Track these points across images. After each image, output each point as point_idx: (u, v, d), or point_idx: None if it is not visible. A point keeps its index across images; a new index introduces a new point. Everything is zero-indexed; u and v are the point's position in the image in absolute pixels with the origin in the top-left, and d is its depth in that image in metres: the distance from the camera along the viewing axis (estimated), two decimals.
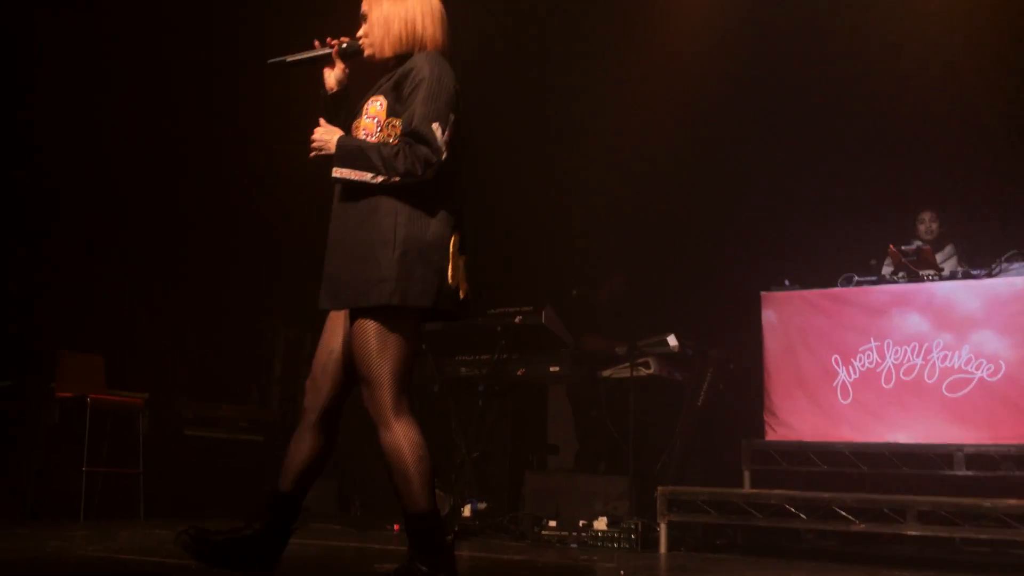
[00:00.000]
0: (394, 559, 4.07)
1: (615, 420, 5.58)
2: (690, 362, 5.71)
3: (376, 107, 2.74)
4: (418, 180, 2.63)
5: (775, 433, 5.40)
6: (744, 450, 5.35)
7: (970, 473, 4.79)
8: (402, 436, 2.68)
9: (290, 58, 2.91)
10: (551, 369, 5.65)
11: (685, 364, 5.70)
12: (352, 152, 2.68)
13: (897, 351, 5.20)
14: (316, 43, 2.90)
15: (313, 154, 2.73)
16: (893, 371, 5.20)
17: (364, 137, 2.72)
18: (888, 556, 5.04)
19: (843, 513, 4.50)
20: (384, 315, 2.63)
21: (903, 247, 5.59)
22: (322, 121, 2.80)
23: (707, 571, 3.94)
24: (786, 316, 5.52)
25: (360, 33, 2.87)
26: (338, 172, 2.67)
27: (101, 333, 6.23)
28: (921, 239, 5.90)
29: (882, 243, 5.75)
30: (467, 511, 5.28)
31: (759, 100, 6.74)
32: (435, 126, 2.63)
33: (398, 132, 2.67)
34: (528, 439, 6.01)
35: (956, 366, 5.02)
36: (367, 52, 2.86)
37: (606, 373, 5.69)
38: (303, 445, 2.83)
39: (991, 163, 6.33)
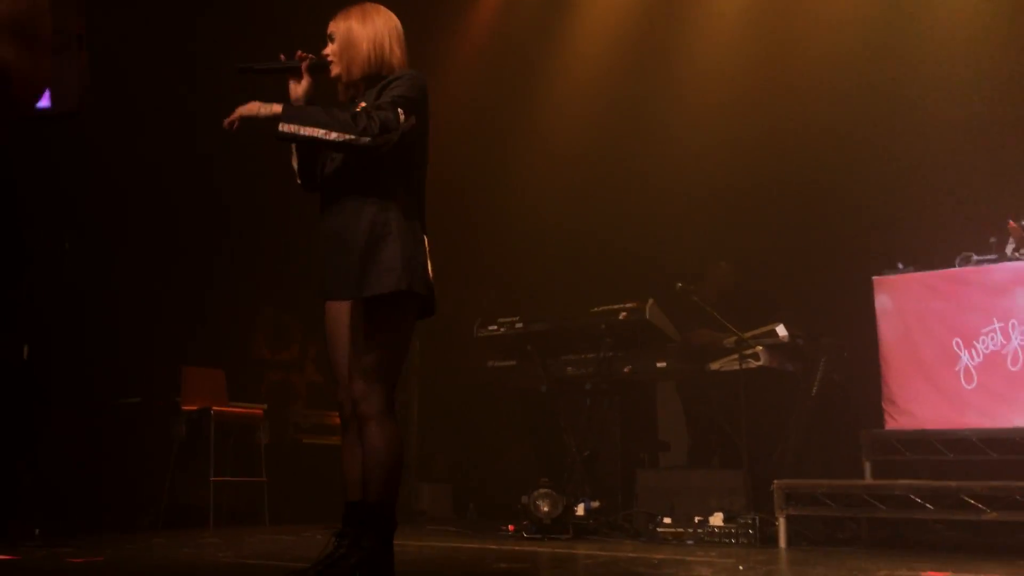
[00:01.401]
0: (510, 559, 4.11)
1: (727, 414, 5.49)
2: (802, 352, 5.57)
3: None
4: (373, 144, 2.73)
5: (896, 422, 5.21)
6: (864, 440, 5.18)
7: None
8: (396, 432, 2.78)
9: (258, 66, 2.93)
10: (658, 365, 5.60)
11: (797, 354, 5.56)
12: (302, 110, 2.82)
13: (1023, 332, 4.96)
14: (282, 56, 2.95)
15: (244, 113, 2.79)
16: (1020, 352, 4.96)
17: None
18: (1021, 545, 4.80)
19: (972, 502, 4.31)
20: (390, 306, 2.76)
21: (1023, 222, 5.32)
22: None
23: (831, 566, 3.84)
24: (901, 300, 5.32)
25: (326, 52, 2.96)
26: (285, 127, 2.74)
27: (219, 348, 6.49)
28: None
29: (1000, 218, 5.49)
30: (580, 510, 5.27)
31: (866, 75, 6.53)
32: (400, 110, 2.77)
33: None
34: (638, 437, 5.97)
35: None
36: (334, 71, 2.95)
37: (714, 366, 5.59)
38: (357, 452, 2.84)
39: None
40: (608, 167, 7.33)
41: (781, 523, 4.72)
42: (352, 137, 2.73)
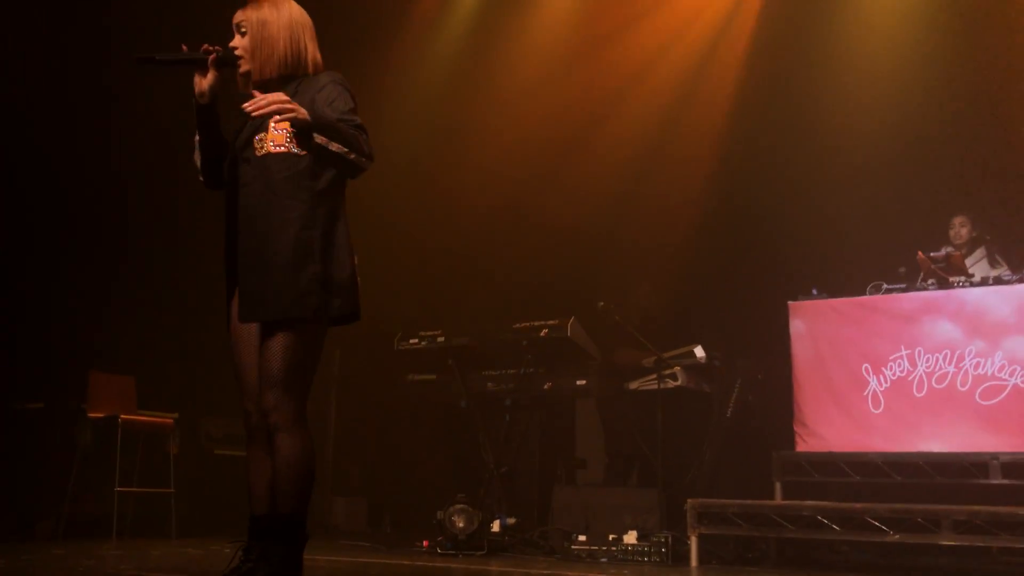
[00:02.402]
0: (423, 575, 4.06)
1: (644, 433, 5.55)
2: (718, 373, 5.67)
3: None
4: (366, 167, 2.68)
5: (806, 444, 5.34)
6: (775, 461, 5.28)
7: (1006, 482, 4.70)
8: (308, 443, 2.68)
9: (160, 57, 2.73)
10: (578, 383, 5.64)
11: (713, 375, 5.66)
12: (327, 123, 2.62)
13: (929, 359, 5.13)
14: (184, 47, 2.74)
15: (286, 116, 2.54)
16: (925, 379, 5.13)
17: (271, 149, 2.70)
18: (923, 567, 4.96)
19: (877, 524, 4.43)
20: (305, 325, 2.66)
21: (932, 254, 5.52)
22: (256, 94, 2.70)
23: None
24: (815, 325, 5.46)
25: (234, 44, 2.78)
26: (319, 139, 2.58)
27: (130, 353, 6.30)
28: (952, 244, 5.82)
29: (910, 249, 5.69)
30: (496, 527, 5.26)
31: (783, 105, 6.71)
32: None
33: None
34: (556, 453, 5.99)
35: (989, 373, 4.95)
36: (244, 68, 2.77)
37: (633, 386, 5.66)
38: (264, 465, 2.72)
39: (1020, 164, 6.25)
40: (534, 185, 7.36)
41: (693, 542, 4.78)
42: (363, 160, 2.65)
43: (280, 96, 2.55)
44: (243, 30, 2.78)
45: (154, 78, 5.55)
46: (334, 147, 2.59)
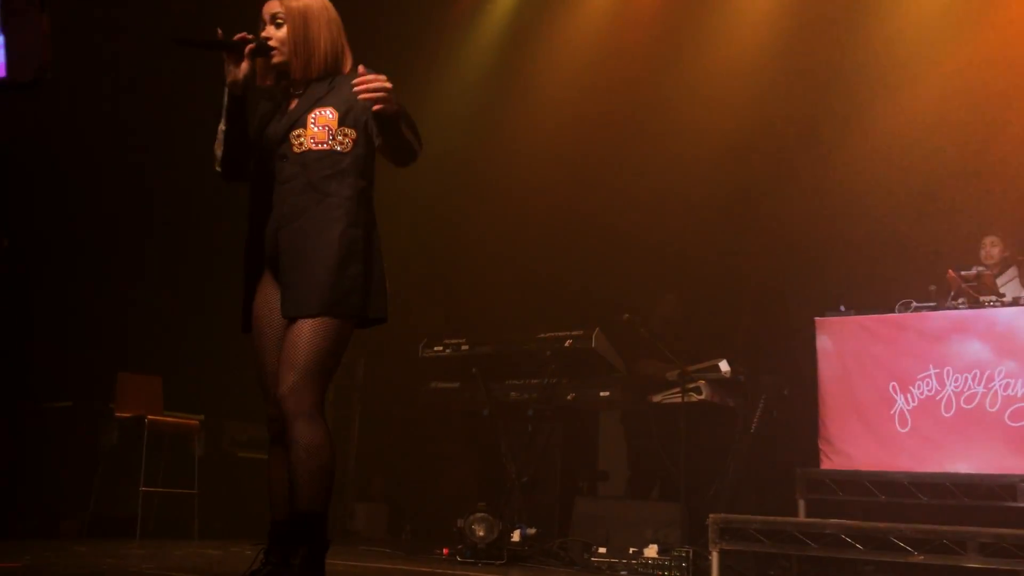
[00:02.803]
0: None
1: (667, 446, 5.52)
2: (743, 388, 5.63)
3: (327, 116, 2.68)
4: (416, 159, 2.70)
5: (831, 462, 5.28)
6: (799, 479, 5.23)
7: None
8: (327, 433, 2.58)
9: (198, 40, 2.70)
10: (601, 394, 5.62)
11: (738, 390, 5.62)
12: (405, 112, 2.61)
13: (957, 379, 5.06)
14: (219, 32, 2.68)
15: (387, 105, 2.50)
16: (953, 399, 5.06)
17: (312, 146, 2.67)
18: None
19: (901, 544, 4.37)
20: (338, 323, 2.61)
21: (963, 272, 5.46)
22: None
23: None
24: (842, 342, 5.40)
25: (267, 34, 2.71)
26: (406, 130, 2.60)
27: (158, 354, 6.36)
28: (983, 264, 5.76)
29: (940, 268, 5.63)
30: (516, 536, 5.24)
31: (814, 119, 6.67)
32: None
33: (352, 139, 2.68)
34: (578, 465, 5.97)
35: (1019, 395, 4.86)
36: (278, 59, 2.71)
37: (657, 399, 5.62)
38: (286, 467, 2.62)
39: None
40: (561, 199, 7.36)
41: (714, 557, 4.73)
42: (417, 150, 2.67)
43: (385, 78, 2.51)
44: (279, 21, 2.72)
45: (177, 74, 5.61)
46: (408, 135, 2.62)
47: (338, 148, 2.66)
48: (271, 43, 2.70)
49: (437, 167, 7.42)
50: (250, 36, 2.69)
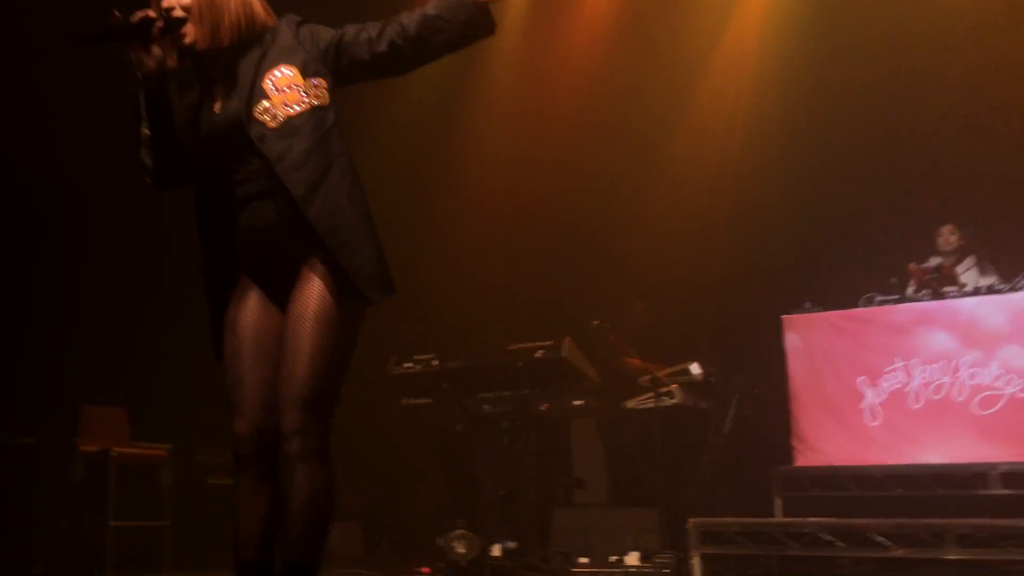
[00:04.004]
0: None
1: (642, 452, 5.52)
2: (715, 390, 5.65)
3: (287, 74, 2.33)
4: None
5: (804, 459, 5.33)
6: (774, 477, 5.27)
7: (1006, 492, 4.70)
8: (332, 476, 2.29)
9: (98, 33, 2.29)
10: (574, 403, 5.61)
11: (710, 392, 5.64)
12: None
13: (924, 370, 5.14)
14: (116, 13, 2.26)
15: None
16: (921, 391, 5.13)
17: (289, 111, 2.30)
18: None
19: (880, 539, 4.42)
20: (347, 322, 2.30)
21: (923, 264, 5.54)
22: None
23: None
24: (809, 339, 5.46)
25: (169, 4, 2.29)
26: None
27: (121, 384, 6.23)
28: (941, 253, 5.84)
29: (901, 260, 5.71)
30: (497, 551, 5.21)
31: (772, 119, 6.73)
32: None
33: (325, 87, 2.36)
34: (553, 474, 5.95)
35: (985, 383, 4.95)
36: (191, 37, 2.30)
37: (630, 404, 5.63)
38: (260, 500, 2.33)
39: (1007, 172, 6.28)
40: (524, 205, 7.35)
41: (696, 562, 4.75)
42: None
43: None
44: None
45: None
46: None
47: (316, 102, 2.33)
48: (176, 14, 2.28)
49: (401, 177, 7.38)
50: (152, 13, 2.29)
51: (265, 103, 2.31)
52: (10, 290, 5.80)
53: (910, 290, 5.56)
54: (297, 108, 2.31)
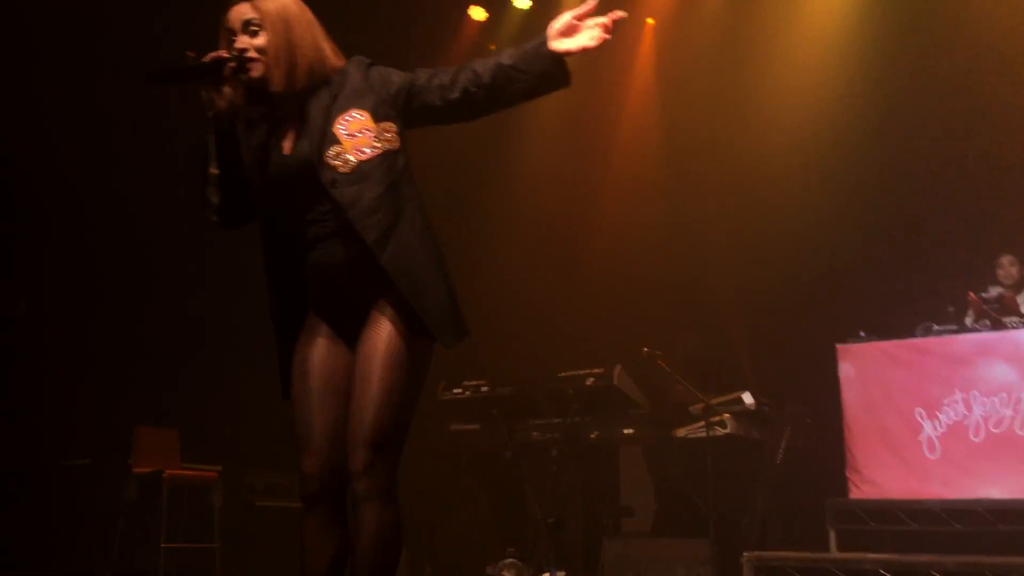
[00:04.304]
0: None
1: (693, 482, 5.45)
2: (768, 419, 5.57)
3: (358, 119, 2.32)
4: None
5: (859, 491, 5.23)
6: (828, 510, 5.17)
7: None
8: (400, 516, 2.26)
9: (169, 74, 2.27)
10: (625, 431, 5.56)
11: (763, 421, 5.57)
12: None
13: (985, 402, 5.02)
14: (189, 54, 2.27)
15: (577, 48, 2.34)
16: (982, 423, 5.02)
17: (361, 156, 2.30)
18: None
19: None
20: (417, 364, 2.31)
21: (983, 294, 5.44)
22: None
23: None
24: (864, 369, 5.37)
25: (243, 45, 2.29)
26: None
27: (173, 406, 6.31)
28: (1001, 284, 5.73)
29: (958, 289, 5.60)
30: None
31: (826, 148, 6.67)
32: None
33: (395, 132, 2.36)
34: (601, 502, 5.90)
35: None
36: (257, 73, 2.29)
37: (681, 433, 5.57)
38: (328, 541, 2.31)
39: None
40: (576, 234, 7.34)
41: None
42: None
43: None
44: (254, 28, 2.30)
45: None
46: None
47: (387, 147, 2.33)
48: (249, 55, 2.29)
49: (451, 203, 7.41)
50: (226, 54, 2.29)
51: (336, 148, 2.30)
52: (67, 315, 5.91)
53: (968, 320, 5.46)
54: (368, 152, 2.31)
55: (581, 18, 2.33)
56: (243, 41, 2.30)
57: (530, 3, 7.66)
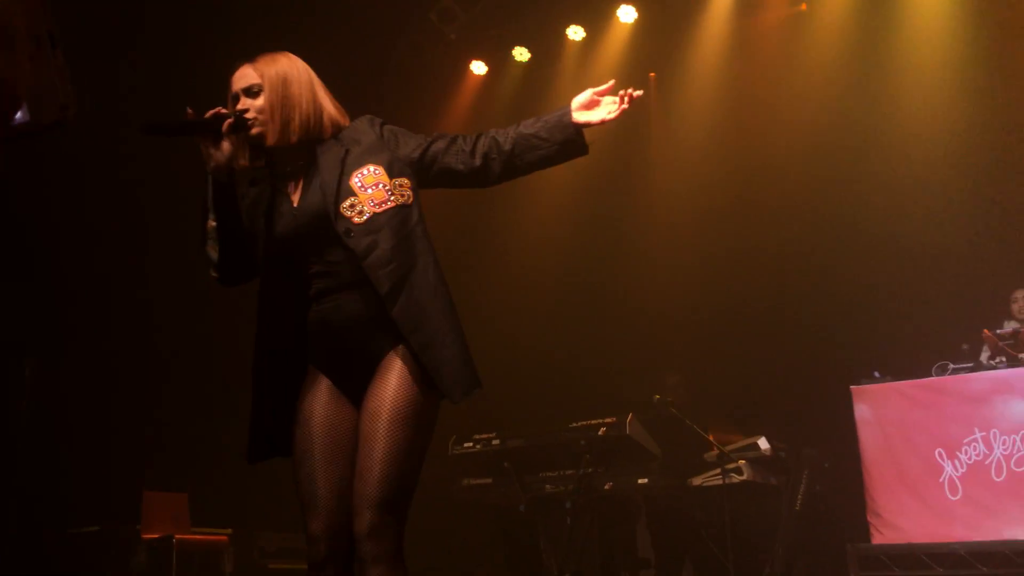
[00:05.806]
0: None
1: (711, 530, 5.35)
2: (784, 464, 5.48)
3: (374, 173, 2.36)
4: None
5: (882, 536, 5.11)
6: (850, 555, 5.06)
7: None
8: None
9: (168, 125, 2.35)
10: (639, 481, 5.46)
11: (779, 467, 5.47)
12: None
13: (1005, 441, 4.93)
14: (190, 111, 2.35)
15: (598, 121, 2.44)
16: (1003, 462, 4.92)
17: (376, 208, 2.33)
18: None
19: None
20: (424, 422, 2.26)
21: (998, 331, 5.37)
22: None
23: None
24: (880, 410, 5.28)
25: (243, 107, 2.38)
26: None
27: (182, 470, 6.24)
28: (1016, 319, 5.66)
29: (972, 327, 5.53)
30: None
31: (839, 185, 6.66)
32: None
33: (410, 187, 2.39)
34: (616, 553, 5.79)
35: None
36: (256, 130, 2.37)
37: (696, 481, 5.48)
38: None
39: None
40: (586, 281, 7.33)
41: None
42: None
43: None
44: (256, 90, 2.39)
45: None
46: None
47: (401, 201, 2.36)
48: (249, 115, 2.37)
49: (455, 255, 7.40)
50: (224, 111, 2.38)
51: (351, 199, 2.34)
52: (71, 380, 5.88)
53: (984, 357, 5.39)
54: (383, 206, 2.34)
55: (601, 94, 2.47)
56: (245, 103, 2.40)
57: (529, 56, 7.75)
